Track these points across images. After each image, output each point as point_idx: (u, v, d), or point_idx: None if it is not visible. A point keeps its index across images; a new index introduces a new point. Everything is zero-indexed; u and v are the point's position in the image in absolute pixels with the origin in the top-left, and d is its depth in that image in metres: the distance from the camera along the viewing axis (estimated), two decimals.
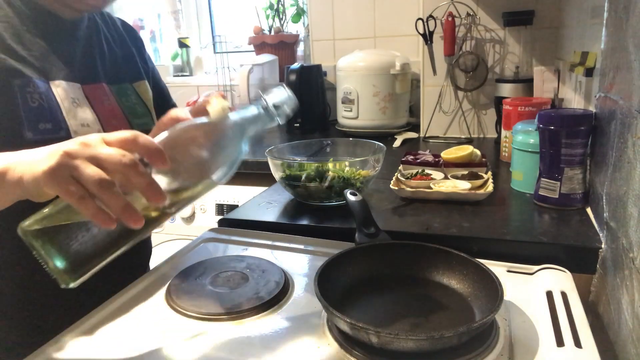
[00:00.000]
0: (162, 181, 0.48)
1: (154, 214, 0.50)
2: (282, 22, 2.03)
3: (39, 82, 0.69)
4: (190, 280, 0.70)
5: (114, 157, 0.45)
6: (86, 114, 0.74)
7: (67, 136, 0.69)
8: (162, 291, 0.69)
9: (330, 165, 0.97)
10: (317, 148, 1.14)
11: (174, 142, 0.51)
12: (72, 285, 0.47)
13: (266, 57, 1.87)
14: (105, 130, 0.76)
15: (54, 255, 0.46)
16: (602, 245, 0.73)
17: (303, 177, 0.95)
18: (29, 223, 0.46)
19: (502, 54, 1.46)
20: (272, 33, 2.01)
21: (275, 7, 2.02)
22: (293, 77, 1.73)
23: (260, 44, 1.98)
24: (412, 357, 0.52)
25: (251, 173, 1.43)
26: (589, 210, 0.86)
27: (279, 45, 1.97)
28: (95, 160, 0.45)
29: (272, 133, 1.87)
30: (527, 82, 1.38)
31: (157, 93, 0.94)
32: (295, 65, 1.76)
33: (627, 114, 0.62)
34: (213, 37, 2.32)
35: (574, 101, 1.11)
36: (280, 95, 0.58)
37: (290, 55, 2.01)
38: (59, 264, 0.46)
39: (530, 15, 1.35)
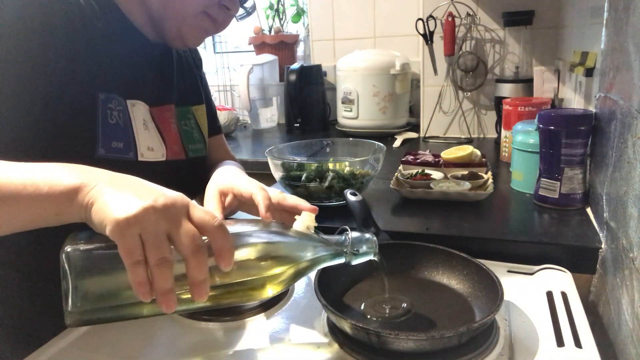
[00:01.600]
0: (212, 275, 0.46)
1: (185, 296, 0.47)
2: (282, 22, 2.03)
3: (119, 99, 0.68)
4: None
5: (187, 241, 0.43)
6: (153, 137, 0.74)
7: (135, 158, 0.69)
8: None
9: (330, 165, 0.97)
10: (317, 148, 1.14)
11: (245, 242, 0.50)
12: (72, 325, 0.45)
13: (266, 57, 1.87)
14: (167, 155, 0.75)
15: (80, 293, 0.44)
16: (602, 245, 0.73)
17: (303, 177, 0.95)
18: (73, 251, 0.44)
19: (502, 54, 1.46)
20: (272, 33, 2.01)
21: (275, 7, 2.02)
22: (293, 77, 1.73)
23: (260, 44, 1.98)
24: (412, 357, 0.52)
25: (251, 173, 1.42)
26: (589, 210, 0.86)
27: (279, 45, 1.97)
28: (169, 233, 0.43)
29: (272, 133, 1.87)
30: (527, 82, 1.38)
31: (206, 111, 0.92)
32: (295, 65, 1.76)
33: (627, 114, 0.62)
34: (213, 37, 2.32)
35: (574, 101, 1.11)
36: (365, 244, 0.57)
37: (290, 55, 2.01)
38: (79, 302, 0.44)
39: (530, 15, 1.35)
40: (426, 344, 0.51)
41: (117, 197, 0.44)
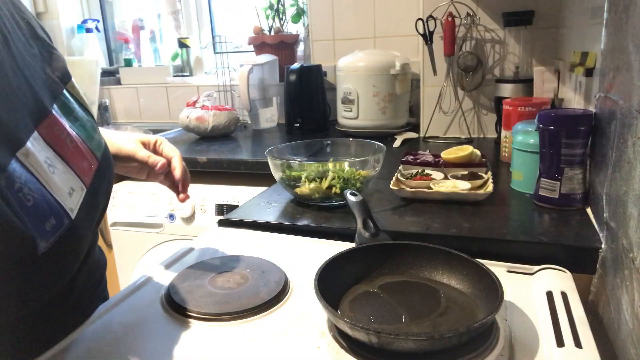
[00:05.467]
0: None
1: None
2: (282, 22, 2.03)
3: (15, 166, 0.46)
4: (190, 280, 0.70)
5: None
6: (64, 173, 0.53)
7: (69, 220, 0.52)
8: (162, 292, 0.69)
9: (330, 165, 0.97)
10: (317, 148, 1.14)
11: None
12: None
13: (266, 57, 1.87)
14: (85, 182, 0.56)
15: None
16: (602, 245, 0.73)
17: (303, 177, 0.95)
18: None
19: (502, 54, 1.46)
20: (272, 33, 2.01)
21: (275, 7, 2.02)
22: (293, 77, 1.73)
23: (260, 44, 1.98)
24: (412, 357, 0.52)
25: (251, 173, 1.43)
26: (589, 210, 0.86)
27: (279, 46, 1.97)
28: None
29: (272, 133, 1.87)
30: (527, 82, 1.38)
31: None
32: (295, 65, 1.76)
33: (627, 114, 0.62)
34: (213, 37, 2.32)
35: (574, 101, 1.11)
36: None
37: (290, 55, 2.01)
38: None
39: (530, 15, 1.35)
40: (426, 344, 0.51)
41: None
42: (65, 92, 0.59)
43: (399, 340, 0.50)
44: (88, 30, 2.37)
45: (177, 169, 0.77)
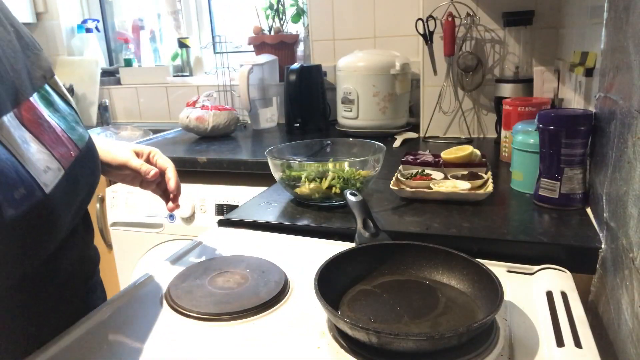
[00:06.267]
0: None
1: None
2: (282, 22, 2.03)
3: None
4: (190, 280, 0.70)
5: None
6: (39, 152, 0.54)
7: (42, 194, 0.52)
8: (162, 292, 0.69)
9: (330, 165, 0.97)
10: (317, 148, 1.14)
11: None
12: None
13: (266, 57, 1.87)
14: (62, 165, 0.57)
15: None
16: (602, 245, 0.73)
17: (303, 177, 0.95)
18: None
19: (502, 54, 1.46)
20: (272, 33, 2.01)
21: (275, 7, 2.02)
22: (293, 77, 1.73)
23: (260, 44, 1.98)
24: (412, 357, 0.52)
25: (251, 173, 1.43)
26: (589, 210, 0.86)
27: (279, 46, 1.97)
28: None
29: (272, 133, 1.87)
30: (527, 82, 1.38)
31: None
32: (295, 65, 1.76)
33: (627, 114, 0.62)
34: (213, 37, 2.32)
35: (574, 101, 1.11)
36: None
37: (290, 55, 2.01)
38: None
39: (530, 15, 1.35)
40: (426, 344, 0.51)
41: None
42: (46, 86, 0.61)
43: (399, 340, 0.50)
44: (88, 30, 2.37)
45: (172, 180, 0.80)
